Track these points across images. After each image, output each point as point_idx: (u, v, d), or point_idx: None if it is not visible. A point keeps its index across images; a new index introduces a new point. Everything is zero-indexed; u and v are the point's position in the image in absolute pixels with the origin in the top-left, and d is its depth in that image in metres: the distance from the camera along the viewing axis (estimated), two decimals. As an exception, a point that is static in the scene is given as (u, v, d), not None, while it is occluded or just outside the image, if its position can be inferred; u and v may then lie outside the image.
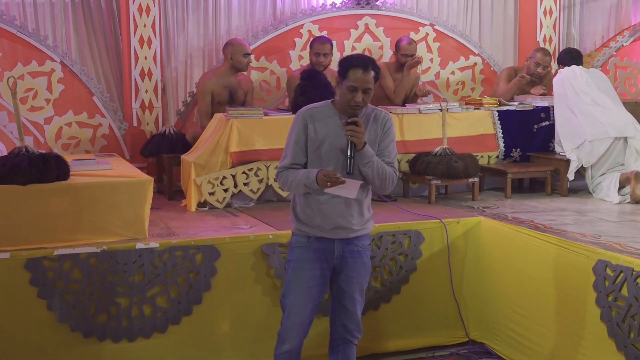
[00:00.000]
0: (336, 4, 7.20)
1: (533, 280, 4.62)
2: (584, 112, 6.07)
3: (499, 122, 6.40)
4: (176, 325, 4.49)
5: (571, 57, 6.45)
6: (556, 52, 7.50)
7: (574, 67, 6.31)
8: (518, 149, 6.45)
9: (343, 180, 3.50)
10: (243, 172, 5.67)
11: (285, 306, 3.74)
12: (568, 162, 6.04)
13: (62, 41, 6.50)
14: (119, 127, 6.56)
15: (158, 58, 6.57)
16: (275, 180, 5.28)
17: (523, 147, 6.46)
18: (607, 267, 4.04)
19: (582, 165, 6.02)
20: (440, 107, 6.13)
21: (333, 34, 7.04)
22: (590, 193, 6.05)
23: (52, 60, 6.33)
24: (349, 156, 3.53)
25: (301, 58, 7.02)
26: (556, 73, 6.52)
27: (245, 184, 5.68)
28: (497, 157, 6.39)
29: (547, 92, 6.83)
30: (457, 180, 5.85)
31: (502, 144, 6.39)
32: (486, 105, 6.48)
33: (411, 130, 6.11)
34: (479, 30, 7.87)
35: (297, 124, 3.65)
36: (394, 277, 4.96)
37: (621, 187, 5.80)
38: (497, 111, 6.43)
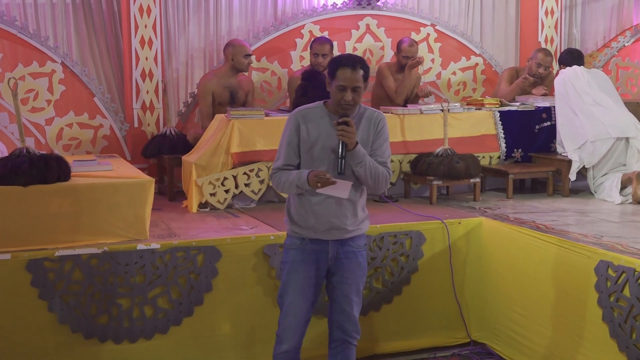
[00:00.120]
0: (337, 5, 7.20)
1: (535, 280, 4.61)
2: (586, 113, 6.07)
3: (501, 123, 6.39)
4: (177, 326, 4.49)
5: (572, 58, 6.44)
6: (557, 53, 7.48)
7: (576, 68, 6.30)
8: (519, 150, 6.44)
9: (334, 180, 3.50)
10: (244, 173, 5.66)
11: (282, 306, 3.75)
12: (570, 163, 6.04)
13: (63, 42, 6.50)
14: (120, 128, 6.55)
15: (159, 59, 6.57)
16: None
17: (524, 148, 6.46)
18: (609, 268, 4.03)
19: (584, 165, 6.01)
20: (441, 108, 6.12)
21: (334, 35, 7.03)
22: (592, 193, 6.04)
23: (53, 61, 6.33)
24: (340, 156, 3.53)
25: (302, 59, 7.01)
26: (557, 73, 6.51)
27: (246, 185, 5.67)
28: (499, 158, 6.39)
29: (549, 93, 6.83)
30: (459, 180, 5.84)
31: (504, 145, 6.39)
32: (488, 105, 6.48)
33: (412, 130, 6.11)
34: (480, 30, 7.86)
35: (290, 126, 3.66)
36: (396, 278, 4.96)
37: (623, 188, 5.79)
38: (499, 111, 6.43)
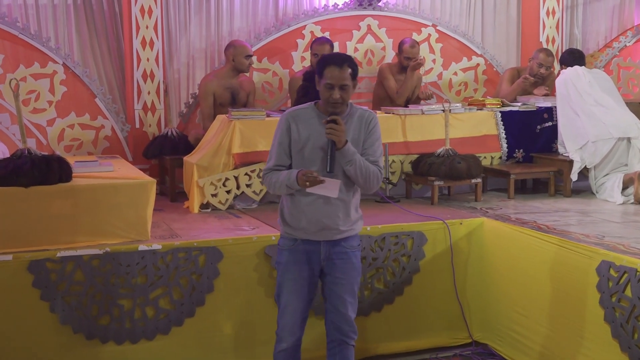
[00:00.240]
0: (338, 5, 7.20)
1: (536, 281, 4.61)
2: (587, 113, 6.06)
3: (502, 123, 6.39)
4: (179, 326, 4.49)
5: (574, 58, 6.44)
6: (559, 53, 7.48)
7: (577, 68, 6.30)
8: (521, 150, 6.44)
9: (322, 179, 3.50)
10: (245, 174, 5.66)
11: (279, 305, 3.78)
12: (571, 163, 6.03)
13: (65, 43, 6.51)
14: (122, 129, 6.55)
15: (160, 59, 6.57)
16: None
17: (526, 148, 6.46)
18: (611, 268, 4.03)
19: (586, 165, 6.01)
20: (443, 108, 6.12)
21: (335, 35, 7.04)
22: (593, 194, 6.04)
23: (55, 62, 6.33)
24: (329, 155, 3.54)
25: (303, 59, 7.01)
26: (559, 74, 6.51)
27: (247, 186, 5.67)
28: (500, 158, 6.38)
29: (550, 93, 6.83)
30: (460, 181, 5.84)
31: (505, 145, 6.38)
32: (489, 106, 6.48)
33: (414, 131, 6.11)
34: (482, 30, 7.86)
35: (281, 126, 3.67)
36: (397, 279, 4.95)
37: (625, 188, 5.78)
38: (500, 112, 6.42)
